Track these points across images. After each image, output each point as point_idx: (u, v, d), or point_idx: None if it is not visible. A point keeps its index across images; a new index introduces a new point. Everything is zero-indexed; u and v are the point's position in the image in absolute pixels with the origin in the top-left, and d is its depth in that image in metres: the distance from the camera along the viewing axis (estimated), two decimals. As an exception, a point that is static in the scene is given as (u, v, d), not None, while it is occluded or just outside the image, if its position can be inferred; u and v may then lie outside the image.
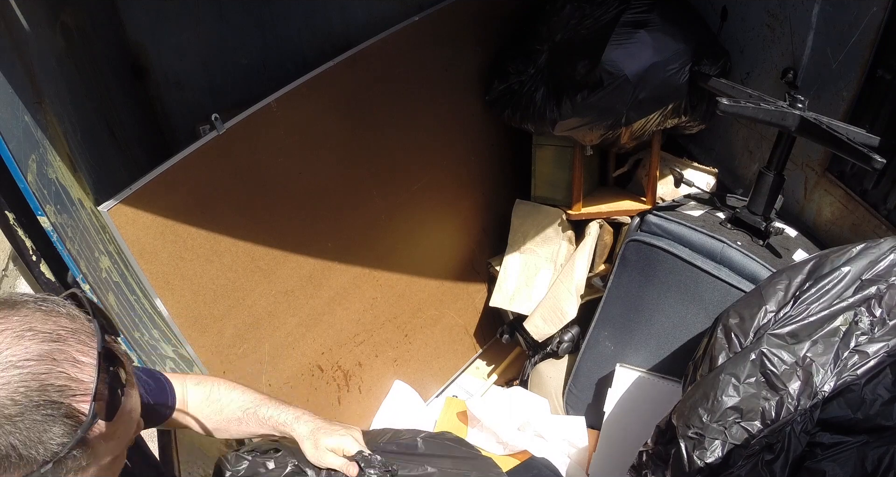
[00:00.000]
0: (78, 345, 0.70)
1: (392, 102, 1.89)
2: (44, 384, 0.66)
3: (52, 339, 0.68)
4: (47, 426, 0.66)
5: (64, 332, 0.70)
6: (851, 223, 1.59)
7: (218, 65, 1.99)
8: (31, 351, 0.67)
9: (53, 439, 0.66)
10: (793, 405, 1.13)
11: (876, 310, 1.16)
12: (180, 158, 1.47)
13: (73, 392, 0.67)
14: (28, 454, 0.65)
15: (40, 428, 0.65)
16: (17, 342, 0.67)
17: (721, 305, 1.54)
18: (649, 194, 2.07)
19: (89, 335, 0.72)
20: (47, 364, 0.67)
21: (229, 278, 1.64)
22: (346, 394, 2.07)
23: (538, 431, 1.92)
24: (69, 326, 0.71)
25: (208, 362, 1.64)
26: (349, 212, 1.89)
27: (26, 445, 0.65)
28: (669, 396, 1.62)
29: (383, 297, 2.08)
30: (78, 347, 0.70)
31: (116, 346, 0.75)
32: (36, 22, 1.31)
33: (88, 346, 0.71)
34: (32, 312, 0.70)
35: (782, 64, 1.67)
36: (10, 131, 1.08)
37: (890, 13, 1.35)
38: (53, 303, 0.72)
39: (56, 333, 0.69)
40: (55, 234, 1.19)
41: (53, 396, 0.66)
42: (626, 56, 1.70)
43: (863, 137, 1.38)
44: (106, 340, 0.72)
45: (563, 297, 2.03)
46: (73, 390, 0.68)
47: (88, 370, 0.69)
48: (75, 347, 0.70)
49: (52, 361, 0.67)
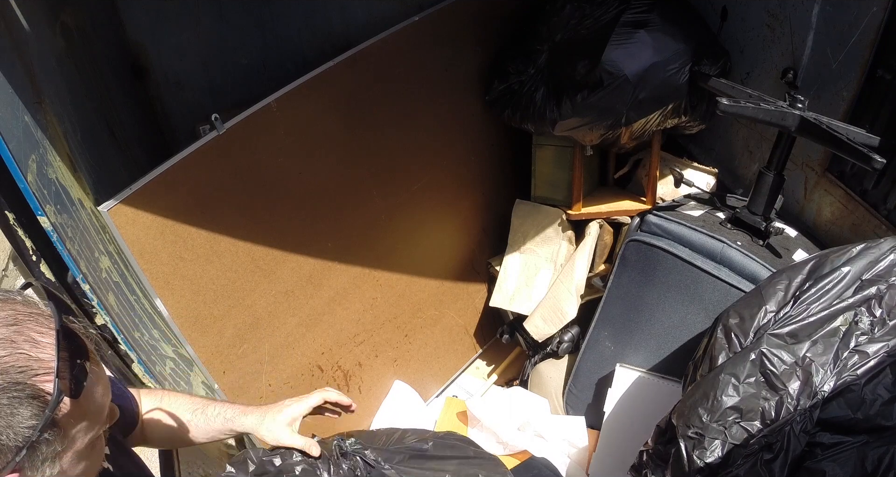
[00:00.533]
0: (36, 326, 0.70)
1: (392, 102, 1.89)
2: (5, 366, 0.66)
3: (8, 323, 0.69)
4: (14, 409, 0.65)
5: (21, 316, 0.70)
6: (851, 223, 1.59)
7: (218, 65, 1.99)
8: None
9: (23, 422, 0.66)
10: (792, 405, 1.13)
11: (876, 310, 1.16)
12: (180, 158, 1.47)
13: (34, 372, 0.67)
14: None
15: (7, 412, 0.65)
16: None
17: (721, 305, 1.54)
18: (649, 194, 2.07)
19: (47, 318, 0.72)
20: (7, 347, 0.67)
21: (229, 278, 1.64)
22: (347, 394, 2.05)
23: (538, 431, 1.92)
24: (25, 310, 0.71)
25: (208, 362, 1.64)
26: (349, 212, 1.89)
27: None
28: (669, 396, 1.62)
29: (383, 297, 2.08)
30: (36, 327, 0.70)
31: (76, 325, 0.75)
32: (36, 22, 1.31)
33: (46, 327, 0.71)
34: None
35: (782, 64, 1.67)
36: (10, 131, 1.08)
37: (890, 13, 1.35)
38: (8, 292, 0.73)
39: (13, 317, 0.69)
40: (55, 234, 1.19)
41: (16, 377, 0.66)
42: (626, 56, 1.70)
43: (863, 137, 1.38)
44: (64, 319, 0.72)
45: (563, 297, 2.03)
46: (35, 370, 0.68)
47: (49, 349, 0.69)
48: (34, 328, 0.70)
49: (12, 343, 0.68)
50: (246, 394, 1.75)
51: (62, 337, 0.70)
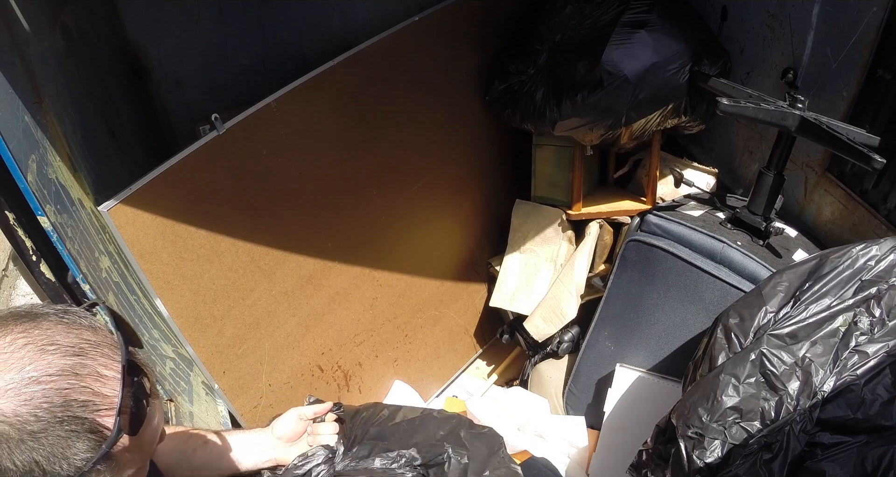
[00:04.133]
0: (101, 358, 0.69)
1: (392, 102, 1.89)
2: (67, 400, 0.65)
3: (74, 353, 0.67)
4: (71, 442, 0.65)
5: (86, 345, 0.69)
6: (851, 223, 1.59)
7: (218, 65, 1.99)
8: (54, 366, 0.65)
9: (77, 454, 0.65)
10: (792, 405, 1.13)
11: (875, 310, 1.16)
12: (180, 158, 1.47)
13: (97, 407, 0.67)
14: (52, 470, 0.64)
15: (64, 444, 0.64)
16: (39, 357, 0.66)
17: (721, 305, 1.54)
18: (649, 194, 2.07)
19: (112, 348, 0.71)
20: (70, 379, 0.66)
21: (229, 278, 1.64)
22: (347, 394, 2.07)
23: (538, 431, 1.92)
24: (91, 338, 0.70)
25: (208, 362, 1.64)
26: (349, 212, 1.89)
27: (49, 460, 0.64)
28: (669, 396, 1.62)
29: (383, 297, 2.08)
30: (101, 360, 0.69)
31: (140, 357, 0.74)
32: (36, 22, 1.31)
33: (112, 359, 0.70)
34: (54, 325, 0.69)
35: (782, 64, 1.67)
36: (10, 131, 1.08)
37: (890, 13, 1.35)
38: (75, 314, 0.71)
39: (79, 346, 0.68)
40: (55, 234, 1.19)
41: (77, 411, 0.65)
42: (626, 56, 1.70)
43: (863, 137, 1.38)
44: (129, 351, 0.71)
45: (563, 297, 2.03)
46: (98, 405, 0.67)
47: (112, 384, 0.68)
48: (98, 360, 0.69)
49: (75, 375, 0.66)
50: (246, 394, 1.75)
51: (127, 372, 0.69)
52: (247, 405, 1.75)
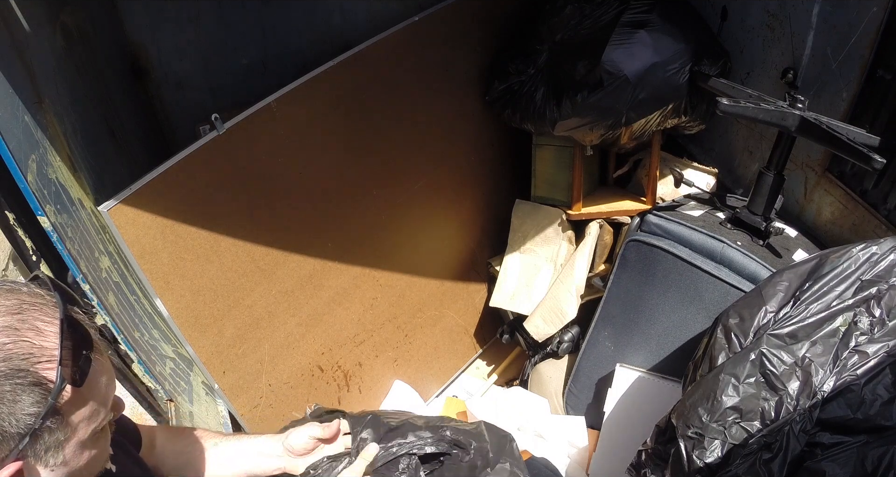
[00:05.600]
0: (41, 315, 0.71)
1: (392, 102, 1.89)
2: (8, 354, 0.67)
3: (13, 311, 0.69)
4: (17, 396, 0.66)
5: (25, 305, 0.71)
6: (851, 223, 1.59)
7: (218, 65, 1.99)
8: None
9: (25, 409, 0.66)
10: (792, 405, 1.13)
11: (875, 310, 1.16)
12: (180, 158, 1.47)
13: (37, 359, 0.68)
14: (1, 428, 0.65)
15: (10, 398, 0.66)
16: None
17: (721, 305, 1.54)
18: (649, 194, 2.07)
19: (52, 307, 0.72)
20: (10, 334, 0.68)
21: (229, 278, 1.64)
22: (346, 394, 2.07)
23: (538, 431, 1.92)
24: (30, 300, 0.72)
25: (208, 362, 1.64)
26: (349, 212, 1.89)
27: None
28: (669, 396, 1.62)
29: (383, 297, 2.08)
30: (41, 316, 0.71)
31: (81, 316, 0.75)
32: (36, 22, 1.31)
33: (51, 316, 0.71)
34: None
35: (782, 64, 1.67)
36: (10, 131, 1.08)
37: (890, 13, 1.35)
38: (15, 283, 0.74)
39: (18, 306, 0.70)
40: (55, 234, 1.19)
41: (19, 364, 0.67)
42: (626, 56, 1.70)
43: (863, 137, 1.38)
44: (68, 309, 0.72)
45: (563, 297, 2.03)
46: (38, 357, 0.68)
47: (53, 338, 0.70)
48: (38, 317, 0.70)
49: (15, 331, 0.68)
50: (246, 394, 1.75)
51: (66, 326, 0.70)
52: (247, 405, 1.75)
